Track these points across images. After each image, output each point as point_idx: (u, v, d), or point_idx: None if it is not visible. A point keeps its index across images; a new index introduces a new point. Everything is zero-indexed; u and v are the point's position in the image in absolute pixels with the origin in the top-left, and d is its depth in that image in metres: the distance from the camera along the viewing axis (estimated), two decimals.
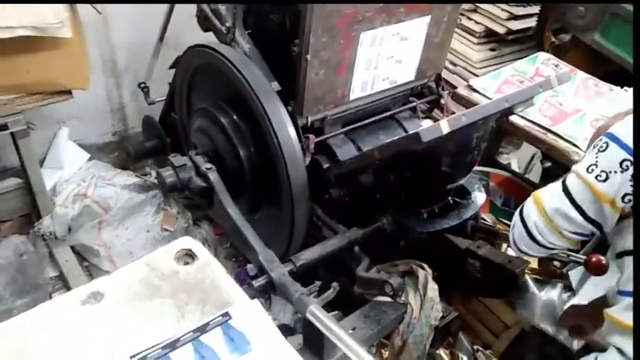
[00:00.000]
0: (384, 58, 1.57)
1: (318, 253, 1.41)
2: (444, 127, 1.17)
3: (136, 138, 2.39)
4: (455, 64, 2.73)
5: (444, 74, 2.84)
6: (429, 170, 1.41)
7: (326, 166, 1.58)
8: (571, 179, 1.07)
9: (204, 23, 1.70)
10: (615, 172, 0.99)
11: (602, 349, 1.11)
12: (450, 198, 1.59)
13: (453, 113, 1.93)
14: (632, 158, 0.97)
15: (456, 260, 1.65)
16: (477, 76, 2.66)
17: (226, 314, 0.86)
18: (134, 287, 0.92)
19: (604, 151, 1.01)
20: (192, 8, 1.80)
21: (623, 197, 1.00)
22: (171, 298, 0.90)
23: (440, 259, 1.59)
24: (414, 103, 1.79)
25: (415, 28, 1.57)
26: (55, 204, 2.06)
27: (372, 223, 1.53)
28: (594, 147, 1.05)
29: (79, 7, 1.58)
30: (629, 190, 0.99)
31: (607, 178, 1.00)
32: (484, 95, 1.89)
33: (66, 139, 2.26)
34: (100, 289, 0.90)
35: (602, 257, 1.24)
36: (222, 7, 1.63)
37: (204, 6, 1.66)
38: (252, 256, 1.35)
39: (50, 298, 1.92)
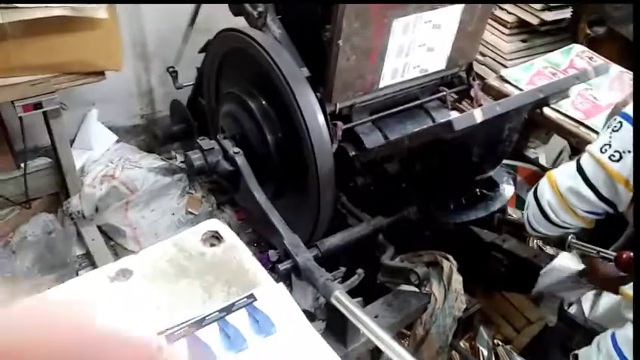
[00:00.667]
0: (415, 46, 1.55)
1: (343, 239, 1.41)
2: (478, 115, 1.15)
3: (163, 122, 2.42)
4: (484, 55, 2.67)
5: (474, 65, 2.78)
6: (459, 160, 1.39)
7: (352, 153, 1.57)
8: (585, 159, 1.06)
9: (236, 8, 1.69)
10: (629, 151, 0.97)
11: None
12: (477, 190, 1.56)
13: (481, 105, 1.91)
14: None
15: (480, 253, 1.63)
16: (506, 67, 2.60)
17: (251, 296, 0.86)
18: (162, 266, 0.93)
19: (617, 130, 1.00)
20: None
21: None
22: (197, 278, 0.91)
23: (464, 251, 1.58)
24: (444, 93, 1.76)
25: (448, 16, 1.54)
26: (84, 184, 2.10)
27: (398, 212, 1.51)
28: (608, 127, 1.03)
29: None
30: None
31: (620, 158, 0.99)
32: (516, 86, 1.85)
33: (95, 121, 2.30)
34: (128, 267, 0.91)
35: (632, 254, 1.22)
36: None
37: None
38: (277, 240, 1.36)
39: (77, 275, 1.96)
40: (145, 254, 0.95)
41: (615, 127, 1.01)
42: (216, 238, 1.00)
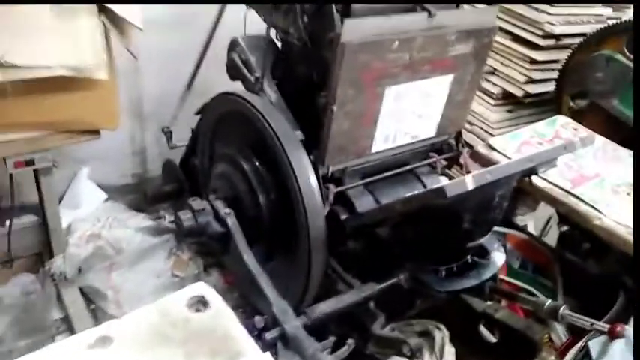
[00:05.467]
0: (407, 113, 1.59)
1: (333, 307, 1.37)
2: (469, 182, 1.16)
3: (153, 181, 2.41)
4: (472, 124, 2.75)
5: (462, 133, 2.85)
6: (450, 227, 1.39)
7: (344, 217, 1.56)
8: None
9: (233, 72, 1.75)
10: None
11: None
12: (469, 257, 1.55)
13: (470, 172, 1.93)
14: None
15: (471, 323, 1.60)
16: (493, 136, 2.67)
17: None
18: (144, 333, 0.89)
19: None
20: (222, 58, 1.86)
21: None
22: (181, 346, 0.87)
23: (456, 321, 1.55)
24: (434, 159, 1.79)
25: (438, 86, 1.60)
26: (69, 243, 2.05)
27: (389, 279, 1.49)
28: None
29: (114, 50, 1.64)
30: None
31: None
32: (503, 155, 1.88)
33: (86, 179, 2.29)
34: (109, 334, 0.87)
35: (626, 326, 1.19)
36: (252, 58, 1.68)
37: (235, 56, 1.71)
38: (265, 305, 1.32)
39: (53, 340, 1.87)
40: (127, 320, 0.91)
41: None
42: (202, 303, 0.97)
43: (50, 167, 1.73)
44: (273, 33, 1.72)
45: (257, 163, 1.58)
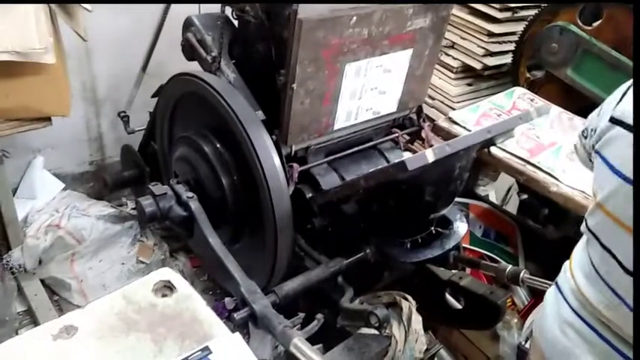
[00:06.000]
0: (367, 89, 1.59)
1: (302, 284, 1.38)
2: (430, 155, 1.17)
3: (113, 167, 2.35)
4: (433, 98, 2.78)
5: (424, 107, 2.88)
6: (413, 200, 1.41)
7: (309, 195, 1.56)
8: None
9: (189, 52, 1.70)
10: None
11: None
12: (432, 228, 1.58)
13: (432, 145, 1.96)
14: None
15: (437, 291, 1.64)
16: (454, 109, 2.71)
17: (206, 349, 0.82)
18: (110, 321, 0.87)
19: None
20: (177, 38, 1.80)
21: None
22: (148, 332, 0.86)
23: (422, 290, 1.58)
24: (396, 134, 1.80)
25: (398, 61, 1.60)
26: (26, 235, 1.98)
27: (356, 253, 1.51)
28: None
29: (63, 33, 1.57)
30: None
31: None
32: (464, 127, 1.91)
33: (41, 168, 2.20)
34: (73, 323, 0.85)
35: None
36: (208, 37, 1.63)
37: (190, 35, 1.66)
38: (233, 287, 1.31)
39: (17, 334, 1.82)
40: (92, 308, 0.90)
41: None
42: (168, 287, 0.96)
43: (0, 157, 1.66)
44: (229, 11, 1.68)
45: (218, 145, 1.55)
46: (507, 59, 2.53)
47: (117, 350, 0.82)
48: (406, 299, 1.46)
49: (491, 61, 2.51)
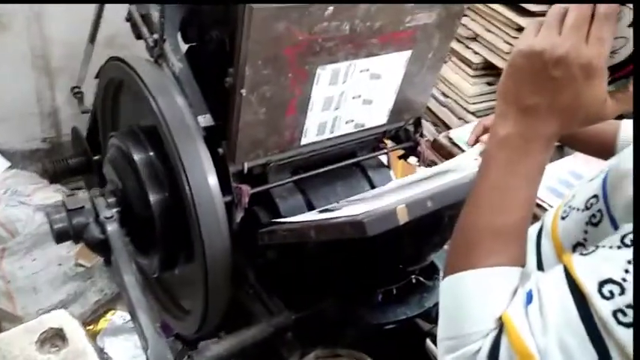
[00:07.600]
0: (348, 98, 1.26)
1: (233, 346, 1.10)
2: (402, 215, 0.86)
3: (68, 147, 2.06)
4: (447, 96, 2.43)
5: (433, 107, 2.53)
6: (385, 253, 1.10)
7: (265, 221, 1.27)
8: None
9: (135, 30, 1.36)
10: None
11: None
12: (413, 277, 1.28)
13: (429, 164, 1.63)
14: None
15: (416, 341, 1.35)
16: (469, 111, 2.37)
17: None
18: None
19: None
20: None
21: None
22: None
23: (398, 338, 1.29)
24: (385, 151, 1.48)
25: (391, 65, 1.26)
26: None
27: (311, 306, 1.21)
28: None
29: None
30: None
31: None
32: (464, 151, 1.57)
33: None
34: None
35: None
36: (153, 13, 1.29)
37: (134, 9, 1.33)
38: (142, 344, 1.04)
39: None
40: None
41: None
42: (59, 338, 0.77)
43: None
44: None
45: (150, 153, 1.23)
46: None
47: None
48: None
49: None
